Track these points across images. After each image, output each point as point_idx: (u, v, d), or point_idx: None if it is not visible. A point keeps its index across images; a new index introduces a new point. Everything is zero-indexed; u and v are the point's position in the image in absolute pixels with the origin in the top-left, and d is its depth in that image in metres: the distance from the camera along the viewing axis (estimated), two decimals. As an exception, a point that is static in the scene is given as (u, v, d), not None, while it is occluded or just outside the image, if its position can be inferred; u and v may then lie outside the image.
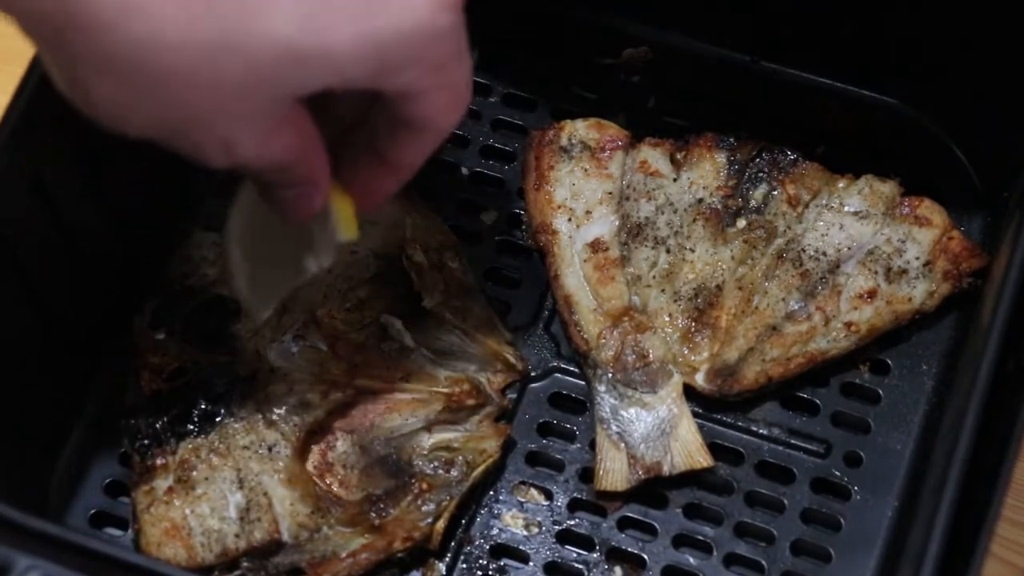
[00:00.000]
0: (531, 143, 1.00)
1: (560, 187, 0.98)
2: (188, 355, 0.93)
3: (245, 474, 0.89)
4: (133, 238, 0.96)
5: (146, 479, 0.90)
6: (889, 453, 0.93)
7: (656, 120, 1.03)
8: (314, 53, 0.68)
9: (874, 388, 0.95)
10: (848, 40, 1.00)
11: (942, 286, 0.95)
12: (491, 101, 1.04)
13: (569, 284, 0.96)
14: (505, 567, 0.91)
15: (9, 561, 0.71)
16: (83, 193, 0.89)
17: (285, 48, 0.67)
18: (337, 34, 0.68)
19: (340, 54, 0.68)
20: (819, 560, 0.91)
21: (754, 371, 0.93)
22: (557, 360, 0.96)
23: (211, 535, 0.88)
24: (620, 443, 0.92)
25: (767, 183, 0.97)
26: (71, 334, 0.92)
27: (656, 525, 0.92)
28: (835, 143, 1.02)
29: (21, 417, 0.90)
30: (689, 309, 0.95)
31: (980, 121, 1.00)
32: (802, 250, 0.95)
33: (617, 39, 1.05)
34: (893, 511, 0.91)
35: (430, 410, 0.92)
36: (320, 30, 0.67)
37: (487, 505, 0.92)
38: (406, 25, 0.69)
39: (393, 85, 0.72)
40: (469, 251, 0.99)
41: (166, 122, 0.69)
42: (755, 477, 0.93)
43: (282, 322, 0.93)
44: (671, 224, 0.96)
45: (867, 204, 0.96)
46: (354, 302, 0.95)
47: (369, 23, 0.68)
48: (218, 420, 0.91)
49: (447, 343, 0.94)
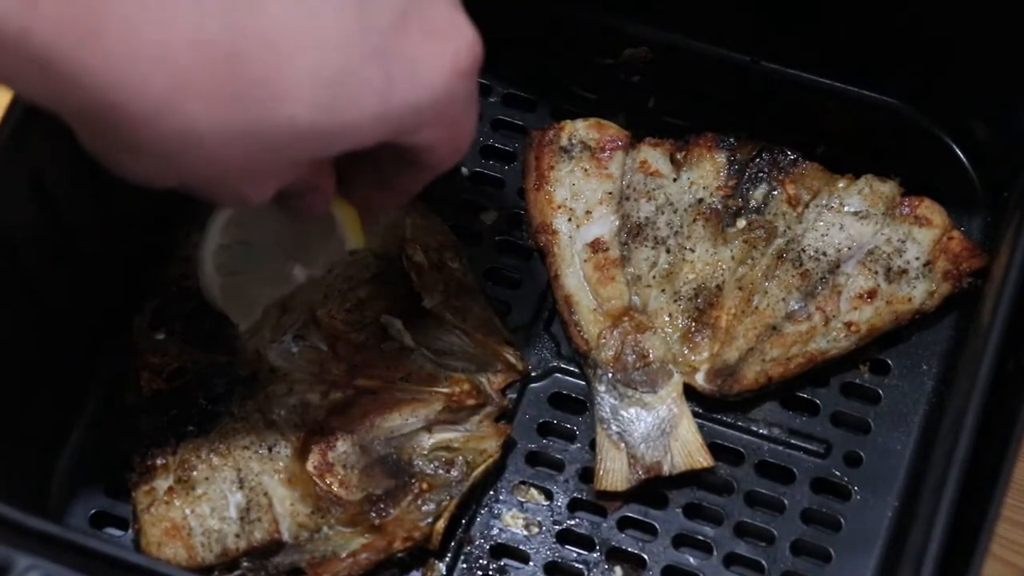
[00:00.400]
0: (531, 143, 1.00)
1: (560, 187, 0.98)
2: (188, 355, 0.93)
3: (245, 474, 0.89)
4: (133, 238, 0.96)
5: (146, 479, 0.90)
6: (889, 453, 0.93)
7: (656, 120, 1.03)
8: (335, 131, 0.71)
9: (874, 388, 0.95)
10: (848, 40, 1.00)
11: (942, 286, 0.95)
12: (491, 101, 1.04)
13: (569, 284, 0.96)
14: (505, 567, 0.91)
15: (9, 561, 0.71)
16: (83, 193, 0.89)
17: (307, 130, 0.69)
18: (358, 114, 0.70)
19: (360, 129, 0.71)
20: (819, 560, 0.91)
21: (754, 371, 0.93)
22: (557, 360, 0.96)
23: (211, 535, 0.88)
24: (620, 443, 0.92)
25: (767, 183, 0.97)
26: (71, 334, 0.92)
27: (656, 525, 0.92)
28: (835, 143, 1.02)
29: (21, 417, 0.90)
30: (689, 309, 0.95)
31: (980, 121, 1.00)
32: (802, 250, 0.95)
33: (617, 39, 1.05)
34: (893, 511, 0.91)
35: (430, 410, 0.92)
36: (341, 111, 0.70)
37: (487, 505, 0.92)
38: (424, 99, 0.72)
39: (405, 141, 0.75)
40: (469, 251, 0.99)
41: (188, 182, 0.73)
42: (755, 477, 0.93)
43: (282, 322, 0.93)
44: (671, 224, 0.96)
45: (867, 204, 0.96)
46: (354, 302, 0.95)
47: (388, 101, 0.71)
48: (218, 420, 0.91)
49: (447, 343, 0.95)
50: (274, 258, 0.94)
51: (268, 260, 0.94)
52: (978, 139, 1.00)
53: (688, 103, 1.04)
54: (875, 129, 1.02)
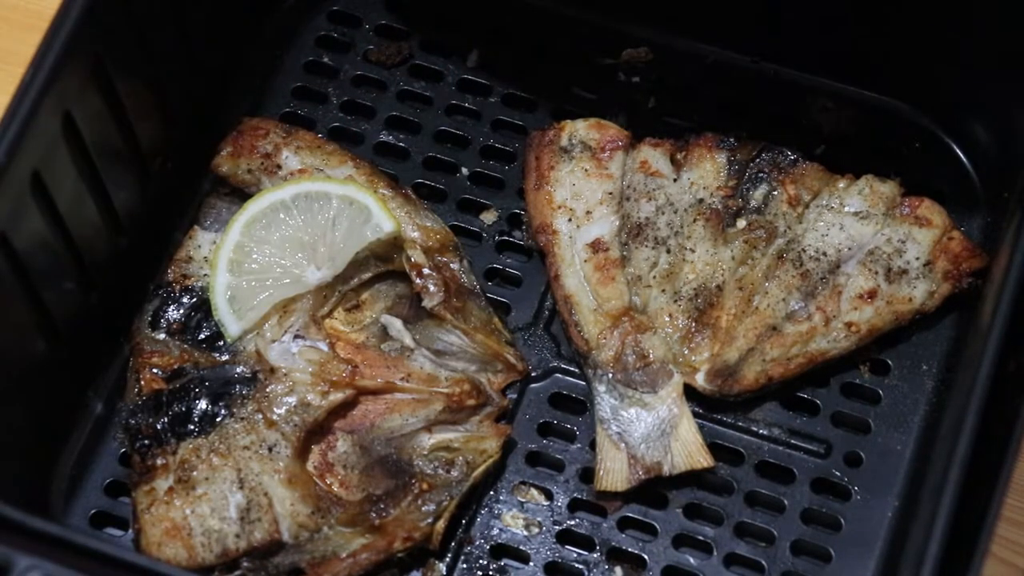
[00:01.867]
0: (531, 143, 1.00)
1: (560, 187, 0.98)
2: (188, 355, 0.93)
3: (245, 474, 0.89)
4: (133, 238, 0.96)
5: (146, 479, 0.90)
6: (889, 453, 0.93)
7: (656, 120, 1.03)
8: None
9: (874, 388, 0.95)
10: (848, 40, 1.00)
11: (942, 286, 0.95)
12: (491, 101, 1.04)
13: (569, 284, 0.96)
14: (505, 567, 0.91)
15: (9, 561, 0.71)
16: (83, 193, 0.89)
17: None
18: None
19: None
20: (819, 560, 0.91)
21: (754, 371, 0.93)
22: (557, 360, 0.96)
23: (211, 535, 0.88)
24: (620, 443, 0.92)
25: (767, 183, 0.97)
26: (72, 334, 0.92)
27: (656, 525, 0.92)
28: (835, 143, 1.02)
29: (21, 417, 0.90)
30: (689, 309, 0.94)
31: (981, 122, 1.00)
32: (802, 250, 0.95)
33: (617, 39, 1.05)
34: (893, 511, 0.91)
35: (430, 410, 0.92)
36: None
37: (487, 505, 0.92)
38: None
39: None
40: (469, 251, 0.99)
41: None
42: (755, 477, 0.93)
43: (282, 322, 0.93)
44: (671, 224, 0.96)
45: (867, 204, 0.96)
46: (354, 302, 0.95)
47: None
48: (218, 420, 0.91)
49: (447, 343, 0.94)
50: (289, 259, 0.94)
51: (282, 261, 0.94)
52: (978, 139, 1.00)
53: (688, 103, 1.04)
54: (875, 129, 1.02)
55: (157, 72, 0.95)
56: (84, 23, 0.84)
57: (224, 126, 1.00)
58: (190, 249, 0.96)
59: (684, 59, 1.04)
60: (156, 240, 0.98)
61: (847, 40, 1.00)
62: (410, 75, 1.05)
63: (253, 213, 0.95)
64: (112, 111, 0.90)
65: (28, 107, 0.82)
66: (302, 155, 0.98)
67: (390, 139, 1.03)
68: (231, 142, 0.99)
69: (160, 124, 0.97)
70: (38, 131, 0.82)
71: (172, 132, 0.98)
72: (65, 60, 0.83)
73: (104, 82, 0.88)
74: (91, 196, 0.90)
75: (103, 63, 0.87)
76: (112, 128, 0.91)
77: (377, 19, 1.07)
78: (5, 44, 1.06)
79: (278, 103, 1.04)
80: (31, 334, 0.89)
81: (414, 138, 1.03)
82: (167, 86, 0.96)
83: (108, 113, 0.90)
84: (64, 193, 0.87)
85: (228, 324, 0.93)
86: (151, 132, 0.95)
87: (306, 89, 1.05)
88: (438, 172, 1.02)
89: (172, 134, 0.98)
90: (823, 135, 1.02)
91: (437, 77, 1.05)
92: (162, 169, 0.98)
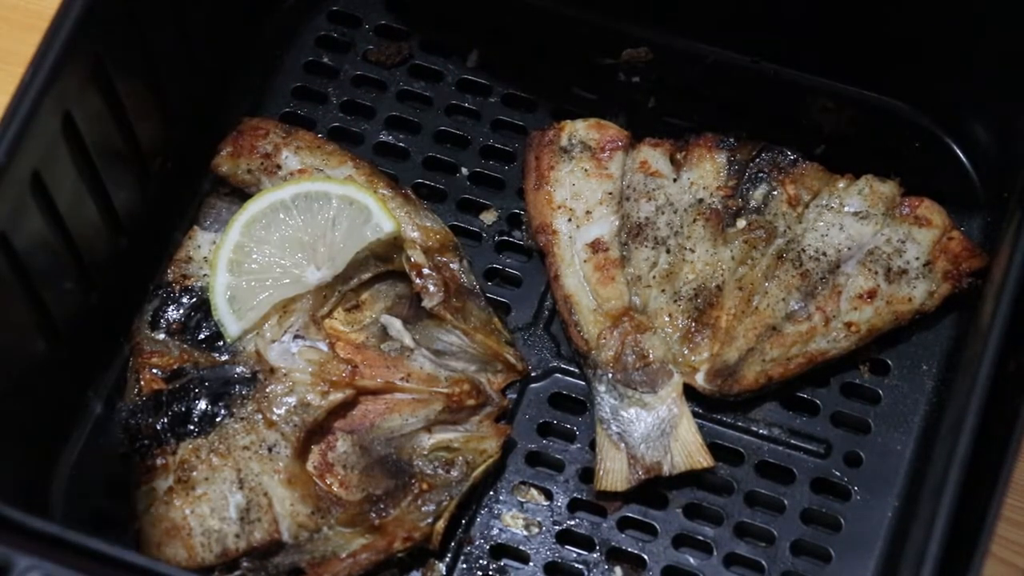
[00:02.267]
0: (531, 143, 1.00)
1: (560, 187, 0.98)
2: (188, 355, 0.93)
3: (245, 474, 0.89)
4: (133, 238, 0.96)
5: (146, 479, 0.90)
6: (889, 453, 0.93)
7: (656, 120, 1.03)
8: None
9: (874, 388, 0.95)
10: (848, 40, 1.00)
11: (942, 286, 0.95)
12: (491, 101, 1.04)
13: (569, 284, 0.96)
14: (505, 567, 0.91)
15: (9, 561, 0.71)
16: (83, 193, 0.89)
17: None
18: None
19: None
20: (819, 560, 0.91)
21: (754, 371, 0.93)
22: (557, 360, 0.96)
23: (211, 535, 0.88)
24: (620, 443, 0.92)
25: (767, 183, 0.97)
26: (72, 334, 0.92)
27: (656, 525, 0.92)
28: (835, 143, 1.02)
29: (21, 417, 0.89)
30: (689, 309, 0.94)
31: (980, 121, 1.00)
32: (802, 250, 0.95)
33: (617, 39, 1.05)
34: (893, 511, 0.91)
35: (430, 410, 0.92)
36: None
37: (487, 505, 0.92)
38: None
39: None
40: (469, 251, 0.99)
41: None
42: (755, 477, 0.93)
43: (282, 322, 0.93)
44: (671, 224, 0.96)
45: (867, 204, 0.96)
46: (354, 302, 0.95)
47: None
48: (218, 420, 0.91)
49: (447, 343, 0.94)
50: (288, 259, 0.94)
51: (282, 261, 0.94)
52: (978, 139, 1.00)
53: (688, 103, 1.04)
54: (875, 129, 1.02)
55: (157, 72, 0.95)
56: (84, 23, 0.84)
57: (224, 126, 1.00)
58: (190, 249, 0.96)
59: (684, 59, 1.04)
60: (156, 240, 0.98)
61: (847, 40, 1.00)
62: (410, 75, 1.05)
63: (253, 213, 0.95)
64: (112, 111, 0.90)
65: (28, 107, 0.82)
66: (302, 155, 0.98)
67: (390, 139, 1.03)
68: (231, 142, 0.99)
69: (160, 124, 0.97)
70: (38, 131, 0.82)
71: (172, 132, 0.98)
72: (65, 60, 0.83)
73: (104, 82, 0.88)
74: (91, 196, 0.90)
75: (103, 63, 0.87)
76: (112, 128, 0.91)
77: (377, 19, 1.07)
78: (5, 44, 1.06)
79: (278, 103, 1.04)
80: (31, 334, 0.89)
81: (414, 138, 1.03)
82: (167, 86, 0.97)
83: (108, 113, 0.90)
84: (64, 193, 0.87)
85: (228, 324, 0.93)
86: (151, 132, 0.95)
87: (306, 89, 1.05)
88: (438, 172, 1.02)
89: (172, 134, 0.99)
90: (823, 135, 1.02)
91: (437, 77, 1.05)
92: (162, 169, 0.98)
